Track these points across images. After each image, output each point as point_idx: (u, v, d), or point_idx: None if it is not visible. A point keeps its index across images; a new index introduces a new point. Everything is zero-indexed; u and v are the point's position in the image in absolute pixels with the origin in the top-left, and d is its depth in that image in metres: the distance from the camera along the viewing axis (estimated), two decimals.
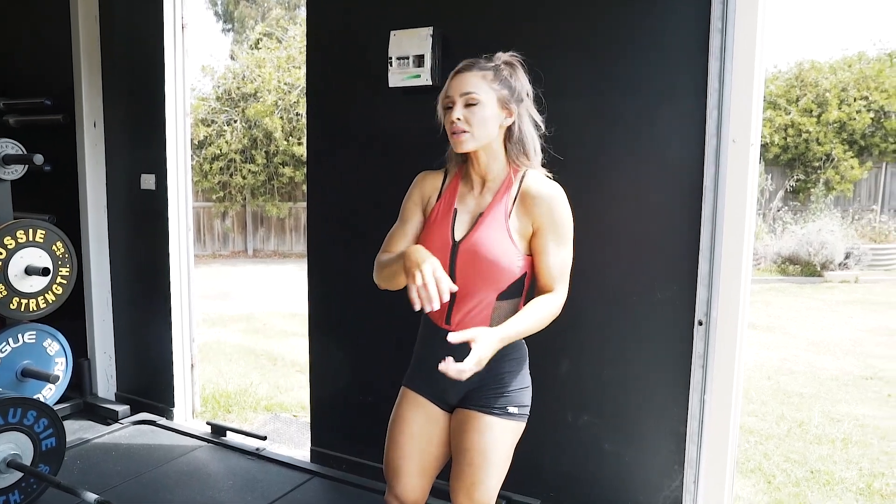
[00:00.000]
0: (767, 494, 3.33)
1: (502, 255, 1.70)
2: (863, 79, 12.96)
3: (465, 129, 1.69)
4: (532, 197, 1.71)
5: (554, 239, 1.71)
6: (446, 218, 1.79)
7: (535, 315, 1.70)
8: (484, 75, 1.71)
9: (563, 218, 1.72)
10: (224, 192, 13.56)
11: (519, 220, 1.72)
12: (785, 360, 5.95)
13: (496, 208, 1.73)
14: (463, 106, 1.69)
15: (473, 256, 1.71)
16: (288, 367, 5.54)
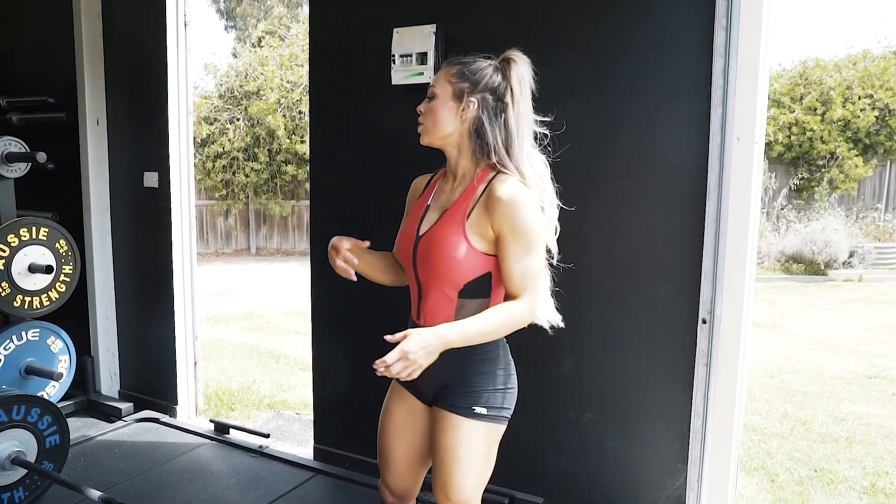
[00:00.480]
0: (771, 493, 3.32)
1: (453, 252, 1.67)
2: (867, 77, 12.91)
3: (421, 121, 1.75)
4: (494, 200, 1.65)
5: (515, 245, 1.65)
6: (418, 212, 1.82)
7: (491, 320, 1.66)
8: (448, 70, 1.74)
9: (526, 224, 1.65)
10: (227, 190, 13.56)
11: (480, 221, 1.68)
12: (788, 358, 5.94)
13: (458, 207, 1.72)
14: (426, 100, 1.75)
15: (427, 251, 1.72)
16: (291, 365, 5.54)
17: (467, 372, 1.75)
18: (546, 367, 2.59)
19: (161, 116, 3.54)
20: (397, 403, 1.90)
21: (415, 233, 1.78)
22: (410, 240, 1.79)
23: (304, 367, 5.33)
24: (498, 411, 1.77)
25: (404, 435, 1.89)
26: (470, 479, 1.76)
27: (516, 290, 1.68)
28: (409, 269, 1.81)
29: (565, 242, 2.51)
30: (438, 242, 1.70)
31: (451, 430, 1.74)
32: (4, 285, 3.14)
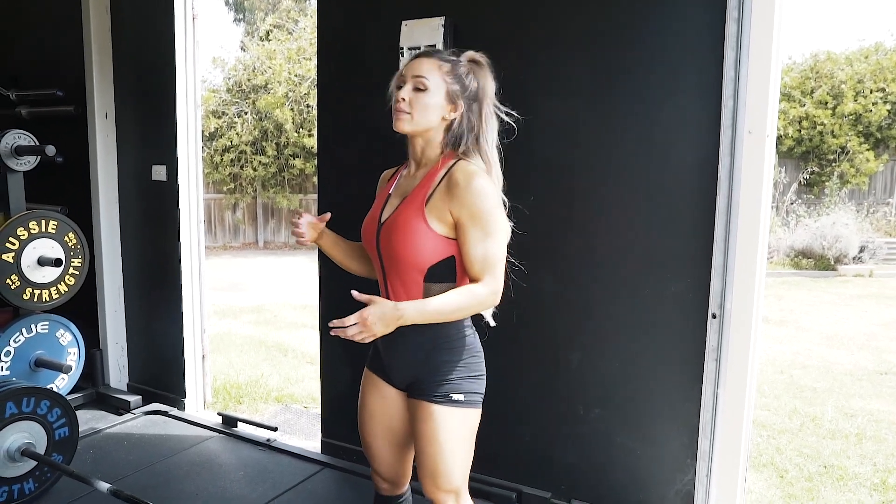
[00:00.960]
0: (780, 489, 3.31)
1: (414, 238, 1.70)
2: (879, 70, 12.81)
3: (406, 110, 1.72)
4: (452, 186, 1.68)
5: (474, 230, 1.67)
6: (380, 200, 1.86)
7: (450, 300, 1.68)
8: (440, 65, 1.73)
9: (484, 209, 1.66)
10: (235, 183, 13.59)
11: (439, 206, 1.70)
12: (798, 354, 5.91)
13: (418, 192, 1.74)
14: (412, 88, 1.71)
15: (388, 236, 1.74)
16: (298, 358, 5.55)
17: (439, 360, 1.77)
18: (554, 361, 2.58)
19: (169, 110, 3.54)
20: (370, 391, 1.92)
21: (377, 220, 1.81)
22: (373, 227, 1.81)
23: (311, 360, 5.34)
24: (473, 397, 1.80)
25: (380, 422, 1.90)
26: (457, 466, 1.78)
27: (477, 275, 1.71)
28: (373, 256, 1.83)
29: (575, 236, 2.51)
30: (399, 227, 1.72)
31: (430, 419, 1.75)
32: (14, 278, 3.15)
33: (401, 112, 1.72)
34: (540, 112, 2.49)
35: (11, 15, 4.12)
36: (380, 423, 1.90)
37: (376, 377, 1.91)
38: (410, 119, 1.73)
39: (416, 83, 1.71)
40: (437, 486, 1.79)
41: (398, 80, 1.75)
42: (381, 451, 1.93)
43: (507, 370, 1.87)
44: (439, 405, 1.75)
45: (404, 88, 1.72)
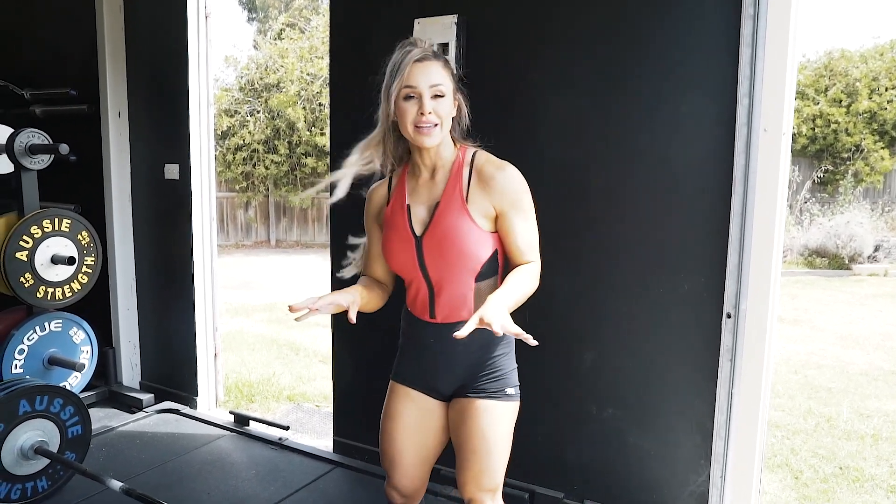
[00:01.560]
0: (795, 490, 3.28)
1: (467, 239, 1.67)
2: (894, 68, 12.68)
3: (435, 122, 1.65)
4: (488, 179, 1.68)
5: (517, 216, 1.69)
6: (402, 216, 1.76)
7: (523, 285, 1.67)
8: (444, 65, 1.70)
9: (521, 194, 1.70)
10: (247, 182, 13.64)
11: (478, 201, 1.69)
12: (812, 353, 5.85)
13: (452, 194, 1.70)
14: (430, 98, 1.64)
15: (439, 247, 1.69)
16: (310, 357, 5.56)
17: (494, 355, 1.77)
18: (568, 360, 2.57)
19: (182, 109, 3.55)
20: (404, 405, 1.87)
21: (411, 235, 1.73)
22: (409, 244, 1.73)
23: (323, 359, 5.34)
24: (518, 389, 1.82)
25: (415, 436, 1.86)
26: (501, 464, 1.78)
27: (525, 258, 1.73)
28: (412, 273, 1.76)
29: (589, 235, 2.49)
30: (449, 232, 1.67)
31: (484, 416, 1.74)
32: (28, 276, 3.16)
33: (429, 127, 1.65)
34: (553, 110, 2.48)
35: (26, 14, 4.14)
36: (413, 437, 1.86)
37: (412, 390, 1.86)
38: (440, 130, 1.67)
39: (435, 91, 1.65)
40: (480, 486, 1.77)
41: (406, 90, 1.65)
42: (408, 465, 1.87)
43: (519, 369, 1.86)
44: (496, 400, 1.76)
45: (424, 100, 1.64)
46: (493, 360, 1.77)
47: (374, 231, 1.90)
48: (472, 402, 1.76)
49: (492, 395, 1.76)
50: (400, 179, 1.82)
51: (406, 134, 1.70)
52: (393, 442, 1.88)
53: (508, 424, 1.79)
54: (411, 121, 1.66)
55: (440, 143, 1.71)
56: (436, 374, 1.82)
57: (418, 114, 1.65)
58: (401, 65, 1.66)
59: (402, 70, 1.66)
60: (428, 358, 1.82)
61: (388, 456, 1.90)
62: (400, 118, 1.68)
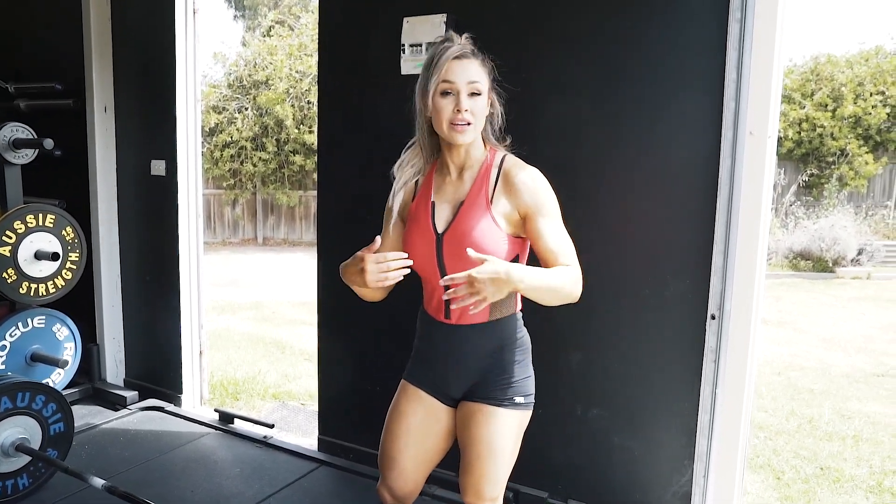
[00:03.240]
0: (777, 490, 3.31)
1: (488, 240, 1.65)
2: (879, 73, 12.81)
3: (470, 120, 1.64)
4: (515, 183, 1.67)
5: (546, 221, 1.67)
6: (425, 212, 1.75)
7: (559, 275, 1.61)
8: (482, 63, 1.68)
9: (549, 198, 1.69)
10: (234, 179, 13.57)
11: (503, 205, 1.67)
12: (795, 355, 5.91)
13: (477, 194, 1.69)
14: (468, 95, 1.63)
15: (460, 245, 1.65)
16: (296, 355, 5.54)
17: (506, 361, 1.75)
18: (554, 361, 2.57)
19: (169, 104, 3.52)
20: (411, 405, 1.84)
21: (432, 232, 1.71)
22: (430, 240, 1.71)
23: (309, 357, 5.33)
24: (531, 398, 1.80)
25: (417, 438, 1.83)
26: (503, 473, 1.76)
27: (560, 261, 1.67)
28: (430, 270, 1.73)
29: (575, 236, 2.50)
30: (469, 232, 1.65)
31: (491, 422, 1.72)
32: (10, 272, 3.14)
33: (463, 124, 1.63)
34: (541, 111, 2.49)
35: (12, 8, 4.11)
36: (415, 438, 1.83)
37: (421, 392, 1.84)
38: (474, 129, 1.66)
39: (472, 89, 1.63)
40: (481, 494, 1.74)
41: (443, 86, 1.63)
42: (405, 466, 1.84)
43: None
44: (504, 408, 1.74)
45: (461, 97, 1.62)
46: (505, 366, 1.75)
47: (392, 222, 1.84)
48: (479, 407, 1.74)
49: (500, 401, 1.73)
50: (427, 176, 1.80)
51: (440, 130, 1.68)
52: (395, 440, 1.85)
53: (515, 433, 1.76)
54: (447, 118, 1.64)
55: (471, 143, 1.71)
56: (446, 377, 1.80)
57: (454, 111, 1.63)
58: (439, 61, 1.63)
59: (439, 66, 1.63)
60: (440, 359, 1.80)
61: (386, 454, 1.86)
62: (435, 115, 1.66)
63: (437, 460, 1.89)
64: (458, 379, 1.78)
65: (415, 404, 1.84)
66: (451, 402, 1.84)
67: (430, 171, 1.81)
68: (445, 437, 1.86)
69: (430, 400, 1.83)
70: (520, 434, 1.79)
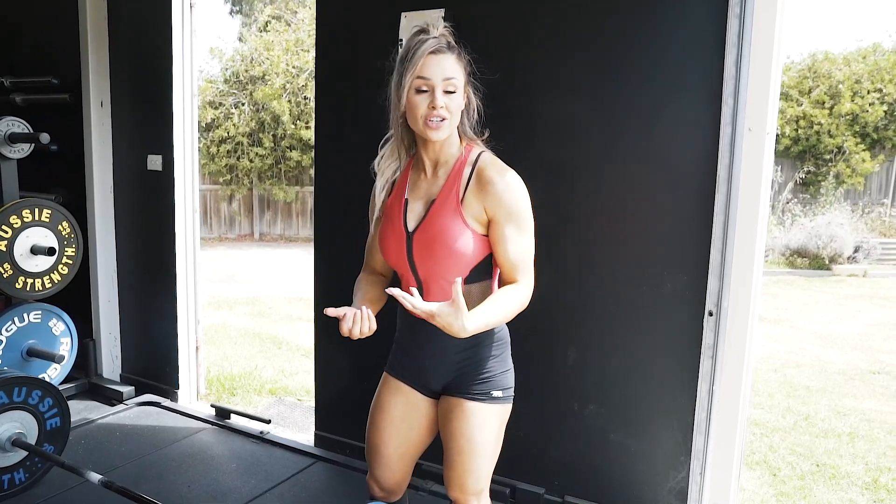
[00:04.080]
0: (772, 487, 3.31)
1: (457, 241, 1.63)
2: (877, 71, 12.82)
3: (445, 116, 1.61)
4: (486, 183, 1.63)
5: (511, 227, 1.63)
6: (398, 209, 1.73)
7: (504, 306, 1.62)
8: (458, 58, 1.64)
9: (519, 205, 1.64)
10: (231, 175, 13.54)
11: (473, 204, 1.64)
12: (792, 353, 5.92)
13: (448, 193, 1.66)
14: (443, 92, 1.60)
15: (429, 245, 1.65)
16: (293, 351, 5.54)
17: (483, 356, 1.74)
18: (550, 357, 2.58)
19: (165, 99, 3.51)
20: (392, 397, 1.85)
21: (403, 230, 1.71)
22: (401, 238, 1.71)
23: (306, 353, 5.33)
24: (509, 392, 1.79)
25: (400, 429, 1.84)
26: (486, 467, 1.76)
27: (514, 274, 1.67)
28: (403, 268, 1.74)
29: (573, 233, 2.50)
30: (439, 231, 1.64)
31: (470, 417, 1.73)
32: (6, 267, 3.13)
33: (438, 120, 1.60)
34: (539, 109, 2.48)
35: (8, 2, 4.08)
36: (398, 430, 1.84)
37: (402, 384, 1.84)
38: (449, 125, 1.63)
39: (447, 86, 1.60)
40: (464, 488, 1.76)
41: (418, 82, 1.59)
42: (390, 458, 1.85)
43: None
44: (480, 402, 1.74)
45: (436, 94, 1.59)
46: (480, 361, 1.74)
47: (374, 221, 1.85)
48: (458, 402, 1.75)
49: (477, 396, 1.73)
50: (404, 172, 1.79)
51: (414, 126, 1.65)
52: (378, 432, 1.86)
53: (494, 427, 1.76)
54: (421, 114, 1.61)
55: (446, 139, 1.67)
56: (425, 371, 1.80)
57: (429, 107, 1.60)
58: (414, 55, 1.59)
59: (414, 61, 1.59)
60: (417, 353, 1.80)
61: (371, 446, 1.88)
62: (410, 111, 1.63)
63: (421, 451, 1.90)
64: (435, 372, 1.78)
65: (396, 396, 1.85)
66: (431, 393, 1.84)
67: (407, 166, 1.79)
68: (428, 428, 1.87)
69: (411, 392, 1.84)
70: (501, 428, 1.79)
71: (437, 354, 1.76)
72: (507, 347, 1.81)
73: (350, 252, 2.97)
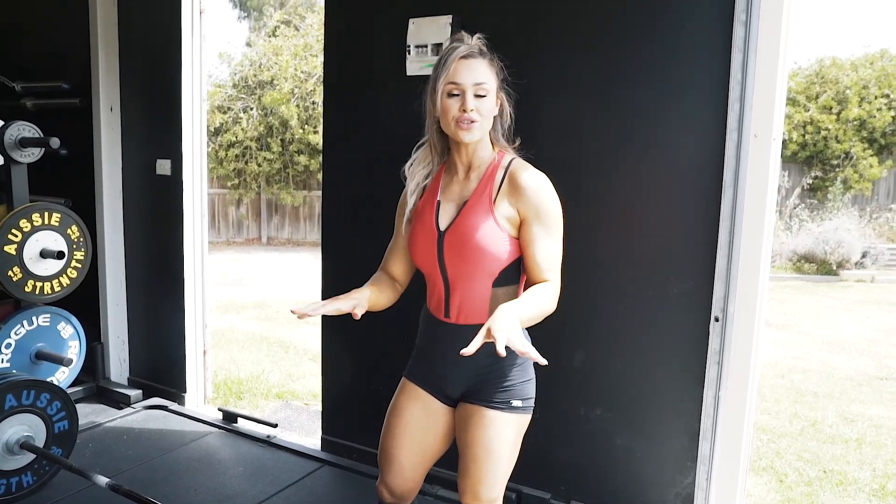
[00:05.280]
0: (779, 493, 3.30)
1: (488, 241, 1.67)
2: (885, 76, 12.76)
3: (476, 119, 1.66)
4: (519, 186, 1.68)
5: (542, 230, 1.68)
6: (430, 210, 1.77)
7: (538, 300, 1.63)
8: (490, 63, 1.69)
9: (550, 208, 1.69)
10: (239, 179, 13.58)
11: (505, 206, 1.69)
12: (799, 358, 5.90)
13: (481, 195, 1.71)
14: (474, 96, 1.65)
15: (459, 245, 1.69)
16: (300, 355, 5.55)
17: (505, 364, 1.74)
18: (557, 361, 2.55)
19: (175, 104, 3.54)
20: (410, 403, 1.85)
21: (434, 230, 1.74)
22: (432, 238, 1.74)
23: (313, 357, 5.34)
24: (529, 402, 1.79)
25: (415, 435, 1.84)
26: (501, 476, 1.76)
27: (543, 275, 1.68)
28: (432, 268, 1.76)
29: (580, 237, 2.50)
30: (470, 232, 1.67)
31: (488, 425, 1.72)
32: (16, 270, 3.15)
33: (469, 123, 1.66)
34: (546, 113, 2.49)
35: (18, 7, 4.12)
36: (413, 436, 1.84)
37: (420, 390, 1.85)
38: (480, 128, 1.68)
39: (478, 90, 1.66)
40: (478, 496, 1.74)
41: (449, 87, 1.66)
42: (403, 464, 1.85)
43: None
44: (500, 411, 1.73)
45: (467, 97, 1.65)
46: (503, 370, 1.75)
47: (404, 222, 1.86)
48: (476, 409, 1.75)
49: (496, 405, 1.73)
50: (437, 175, 1.82)
51: (447, 129, 1.71)
52: (393, 438, 1.86)
53: (512, 437, 1.76)
54: (453, 116, 1.66)
55: (478, 143, 1.73)
56: (445, 376, 1.80)
57: (460, 110, 1.65)
58: (447, 61, 1.66)
59: (447, 66, 1.66)
60: (438, 358, 1.81)
61: (385, 451, 1.87)
62: (442, 115, 1.69)
63: (435, 459, 1.89)
64: (456, 379, 1.78)
65: (414, 402, 1.85)
66: (450, 401, 1.84)
67: (440, 170, 1.83)
68: (444, 436, 1.86)
69: (429, 398, 1.84)
70: (518, 437, 1.79)
71: (458, 362, 1.72)
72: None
73: (357, 256, 2.98)
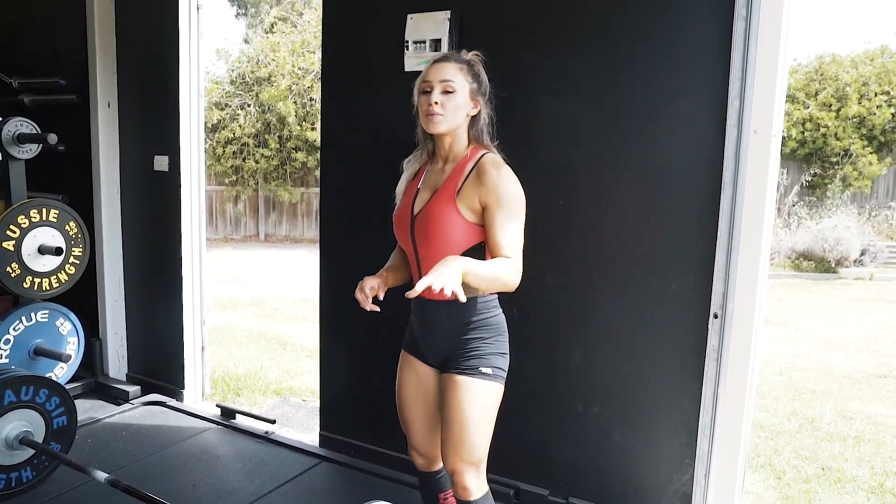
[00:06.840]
0: (777, 490, 3.30)
1: (447, 225, 1.85)
2: (885, 73, 12.76)
3: (440, 112, 1.86)
4: (482, 174, 1.84)
5: (500, 213, 1.82)
6: (409, 196, 1.99)
7: (496, 266, 1.78)
8: (461, 67, 1.89)
9: (510, 195, 1.83)
10: (237, 176, 13.56)
11: (469, 195, 1.85)
12: (797, 356, 5.90)
13: (448, 185, 1.89)
14: (441, 92, 1.86)
15: (424, 227, 1.90)
16: (298, 351, 5.55)
17: (473, 337, 1.92)
18: (555, 358, 2.58)
19: (172, 100, 3.53)
20: (408, 372, 2.07)
21: (409, 212, 1.95)
22: (406, 219, 1.95)
23: (311, 354, 5.34)
24: (499, 372, 1.94)
25: (416, 398, 2.05)
26: (480, 438, 1.90)
27: (503, 254, 1.83)
28: (407, 246, 1.98)
29: (577, 235, 2.50)
30: (433, 217, 1.87)
31: (460, 390, 1.89)
32: (14, 266, 3.14)
33: (435, 115, 1.87)
34: (544, 110, 2.49)
35: (16, 3, 4.11)
36: (416, 399, 2.05)
37: (412, 357, 2.06)
38: (444, 120, 1.88)
39: (444, 87, 1.87)
40: (459, 457, 1.89)
41: (423, 85, 1.89)
42: (417, 426, 2.08)
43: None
44: (468, 377, 1.89)
45: (434, 93, 1.87)
46: (472, 341, 1.91)
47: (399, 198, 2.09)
48: (450, 376, 1.92)
49: (466, 371, 1.89)
50: (423, 167, 2.04)
51: (422, 123, 1.92)
52: (403, 405, 2.09)
53: (485, 401, 1.90)
54: (423, 110, 1.90)
55: (451, 138, 1.93)
56: (424, 345, 2.01)
57: (426, 104, 1.88)
58: (426, 67, 1.93)
59: (424, 70, 1.93)
60: (419, 329, 2.01)
61: (402, 418, 2.11)
62: (419, 110, 1.93)
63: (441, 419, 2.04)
64: (432, 348, 1.99)
65: (409, 369, 2.07)
66: (435, 366, 2.03)
67: (427, 163, 2.04)
68: (438, 398, 2.03)
69: (419, 364, 2.05)
70: (491, 403, 1.92)
71: (433, 331, 1.96)
72: (501, 334, 1.96)
73: (355, 252, 2.99)
